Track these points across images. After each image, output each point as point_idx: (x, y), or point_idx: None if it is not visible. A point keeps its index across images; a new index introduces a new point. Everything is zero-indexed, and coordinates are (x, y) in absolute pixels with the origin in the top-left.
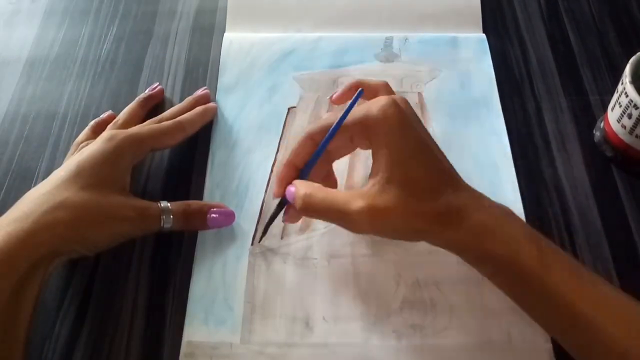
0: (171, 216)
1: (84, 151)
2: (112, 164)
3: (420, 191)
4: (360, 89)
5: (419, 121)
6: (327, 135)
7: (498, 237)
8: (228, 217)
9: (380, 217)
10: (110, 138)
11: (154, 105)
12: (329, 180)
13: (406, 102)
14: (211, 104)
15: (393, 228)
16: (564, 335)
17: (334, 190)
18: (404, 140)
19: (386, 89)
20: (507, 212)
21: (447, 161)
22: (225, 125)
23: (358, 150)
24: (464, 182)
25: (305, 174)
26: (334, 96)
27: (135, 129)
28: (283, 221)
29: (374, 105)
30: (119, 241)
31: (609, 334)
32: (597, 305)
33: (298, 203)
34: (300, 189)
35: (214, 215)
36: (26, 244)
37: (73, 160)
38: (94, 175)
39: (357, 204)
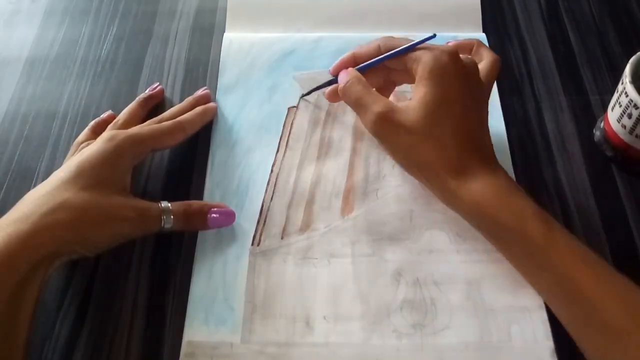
0: (171, 216)
1: (84, 152)
2: (113, 165)
3: (439, 132)
4: (434, 34)
5: (482, 91)
6: (390, 53)
7: (505, 206)
8: (228, 217)
9: (389, 128)
10: (111, 138)
11: (155, 105)
12: (384, 91)
13: (485, 74)
14: (211, 104)
15: (397, 146)
16: (563, 310)
17: (372, 89)
18: (448, 83)
19: (492, 60)
20: (517, 187)
21: (487, 136)
22: (226, 125)
23: (358, 149)
24: (491, 152)
25: (362, 70)
26: (453, 43)
27: (136, 129)
28: (325, 96)
29: (438, 47)
30: (119, 242)
31: (607, 312)
32: (598, 283)
33: (340, 86)
34: (348, 73)
35: (214, 215)
36: (26, 245)
37: (73, 161)
38: (94, 176)
39: (379, 106)
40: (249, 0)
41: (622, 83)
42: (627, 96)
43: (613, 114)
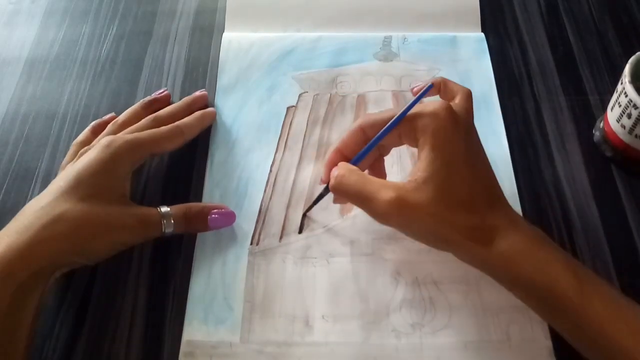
0: (172, 221)
1: (82, 160)
2: (111, 172)
3: (456, 201)
4: (430, 83)
5: (474, 133)
6: (382, 130)
7: (532, 262)
8: (229, 218)
9: (407, 213)
10: (108, 145)
11: (157, 109)
12: (379, 174)
13: (466, 111)
14: (210, 109)
15: (419, 229)
16: None
17: (369, 176)
18: (450, 146)
19: (465, 94)
20: (542, 236)
21: (493, 178)
22: (225, 124)
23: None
24: (505, 201)
25: (356, 163)
26: (415, 88)
27: (133, 134)
28: (334, 202)
29: (429, 106)
30: (119, 250)
31: None
32: (636, 340)
33: (331, 182)
34: (337, 169)
35: (214, 216)
36: (24, 256)
37: (72, 170)
38: (93, 184)
39: (388, 193)
40: (248, 0)
41: (622, 83)
42: (626, 96)
43: (612, 114)
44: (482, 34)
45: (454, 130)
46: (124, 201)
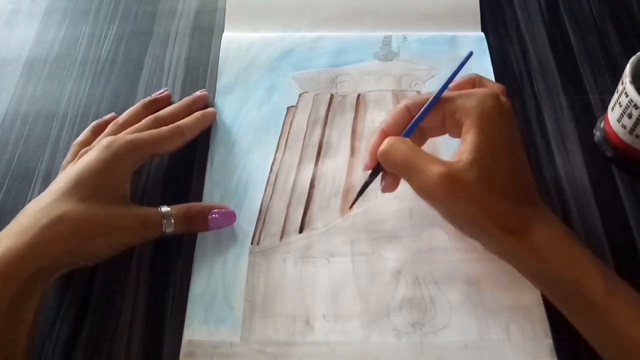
0: (172, 220)
1: (82, 160)
2: (111, 173)
3: (495, 187)
4: (471, 52)
5: (516, 125)
6: (428, 102)
7: (562, 256)
8: (229, 217)
9: (454, 191)
10: (109, 145)
11: (158, 109)
12: None
13: (510, 107)
14: (210, 109)
15: (458, 210)
16: None
17: (419, 148)
18: (496, 132)
19: (502, 90)
20: (573, 234)
21: (529, 172)
22: (225, 124)
23: (357, 149)
24: (539, 196)
25: None
26: (453, 85)
27: (134, 134)
28: (382, 191)
29: (478, 91)
30: (120, 250)
31: None
32: None
33: (380, 150)
34: (386, 140)
35: (215, 215)
36: (25, 257)
37: (72, 171)
38: (93, 185)
39: (439, 167)
40: (248, 0)
41: (622, 83)
42: (627, 96)
43: (613, 114)
44: (482, 34)
45: (500, 117)
46: (125, 202)
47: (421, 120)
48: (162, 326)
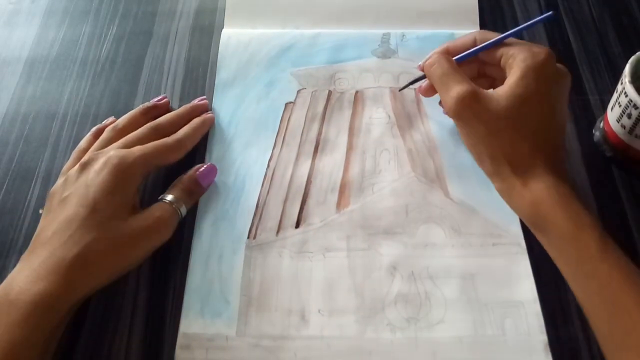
0: (181, 202)
1: (95, 181)
2: (124, 190)
3: (518, 126)
4: (551, 13)
5: (565, 91)
6: (491, 40)
7: (564, 209)
8: (212, 169)
9: (475, 110)
10: (119, 164)
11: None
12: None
13: (566, 73)
14: (209, 115)
15: (476, 132)
16: (600, 322)
17: (459, 69)
18: (536, 83)
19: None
20: (580, 198)
21: (561, 138)
22: (223, 120)
23: (355, 145)
24: (561, 158)
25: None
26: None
27: (140, 149)
28: (418, 90)
29: (535, 46)
30: (152, 251)
31: None
32: None
33: (425, 61)
34: (432, 55)
35: (201, 170)
36: (63, 297)
37: (87, 195)
38: (109, 205)
39: (467, 86)
40: None
41: (622, 83)
42: (626, 96)
43: (612, 114)
44: None
45: (549, 73)
46: (136, 210)
47: (476, 53)
48: (162, 326)
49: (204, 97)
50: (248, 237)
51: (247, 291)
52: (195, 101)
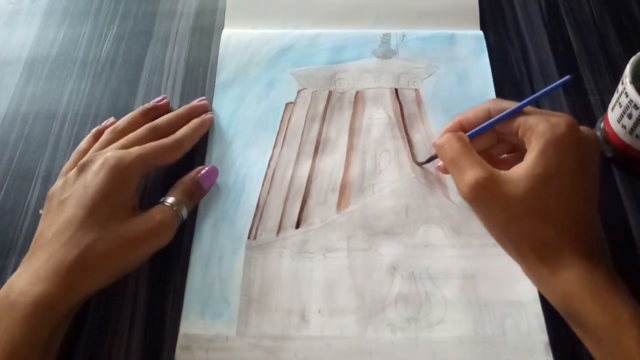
0: (182, 205)
1: (92, 182)
2: (123, 191)
3: (540, 210)
4: (570, 76)
5: (592, 165)
6: (505, 112)
7: (601, 307)
8: (213, 171)
9: (490, 197)
10: (116, 164)
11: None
12: (496, 152)
13: (593, 139)
14: (208, 116)
15: (494, 219)
16: None
17: (473, 150)
18: (558, 159)
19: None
20: (620, 285)
21: (593, 214)
22: (223, 120)
23: (355, 145)
24: (593, 239)
25: (471, 137)
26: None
27: (138, 149)
28: (436, 168)
29: (555, 115)
30: (152, 254)
31: None
32: None
33: (435, 146)
34: (444, 135)
35: (203, 173)
36: (63, 298)
37: (86, 197)
38: (108, 207)
39: (481, 171)
40: None
41: (622, 83)
42: (627, 96)
43: (613, 114)
44: (481, 32)
45: (572, 146)
46: (136, 212)
47: (492, 126)
48: (162, 326)
49: (204, 97)
50: (248, 238)
51: (247, 291)
52: (195, 102)
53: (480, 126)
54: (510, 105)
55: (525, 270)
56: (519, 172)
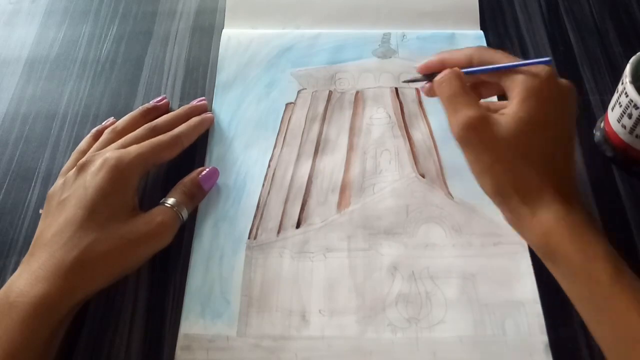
0: (183, 206)
1: (92, 183)
2: (122, 191)
3: (528, 152)
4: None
5: (572, 109)
6: (500, 66)
7: (577, 243)
8: (214, 172)
9: (482, 136)
10: (116, 165)
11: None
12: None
13: (568, 88)
14: (208, 115)
15: (483, 158)
16: (618, 357)
17: (470, 90)
18: (539, 105)
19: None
20: (594, 225)
21: (570, 160)
22: (224, 120)
23: (355, 145)
24: (571, 183)
25: None
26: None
27: (137, 148)
28: (422, 89)
29: (534, 67)
30: (153, 254)
31: None
32: None
33: (436, 82)
34: (451, 70)
35: (204, 174)
36: (64, 298)
37: (86, 197)
38: (108, 207)
39: (476, 110)
40: None
41: (622, 83)
42: (627, 96)
43: (613, 114)
44: (481, 32)
45: (550, 96)
46: (137, 212)
47: (487, 72)
48: (162, 326)
49: (203, 97)
50: (249, 238)
51: (247, 291)
52: (194, 102)
53: (480, 68)
54: (492, 55)
55: (505, 211)
56: (506, 116)
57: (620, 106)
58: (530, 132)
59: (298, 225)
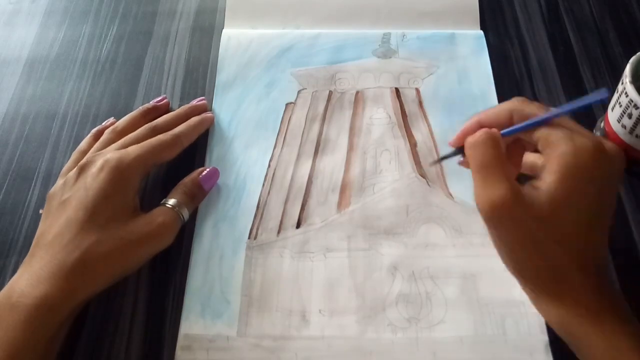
0: (184, 206)
1: (93, 184)
2: (123, 192)
3: (560, 234)
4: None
5: (611, 188)
6: (531, 121)
7: (600, 329)
8: (214, 172)
9: (505, 218)
10: (117, 166)
11: (156, 117)
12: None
13: (621, 157)
14: (208, 115)
15: (506, 239)
16: None
17: (505, 160)
18: (588, 186)
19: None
20: (620, 310)
21: (605, 247)
22: (224, 120)
23: (355, 145)
24: (601, 263)
25: None
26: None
27: (137, 149)
28: (458, 163)
29: (580, 136)
30: (154, 254)
31: None
32: None
33: (468, 144)
34: (488, 130)
35: (204, 174)
36: (65, 300)
37: (87, 198)
38: (109, 208)
39: (504, 189)
40: None
41: (622, 83)
42: (627, 96)
43: (613, 114)
44: (481, 32)
45: (594, 175)
46: (138, 213)
47: (527, 129)
48: (162, 326)
49: (203, 97)
50: (249, 238)
51: (248, 291)
52: (194, 102)
53: (519, 125)
54: (534, 110)
55: (527, 290)
56: (540, 194)
57: (620, 106)
58: (567, 215)
59: (298, 225)
